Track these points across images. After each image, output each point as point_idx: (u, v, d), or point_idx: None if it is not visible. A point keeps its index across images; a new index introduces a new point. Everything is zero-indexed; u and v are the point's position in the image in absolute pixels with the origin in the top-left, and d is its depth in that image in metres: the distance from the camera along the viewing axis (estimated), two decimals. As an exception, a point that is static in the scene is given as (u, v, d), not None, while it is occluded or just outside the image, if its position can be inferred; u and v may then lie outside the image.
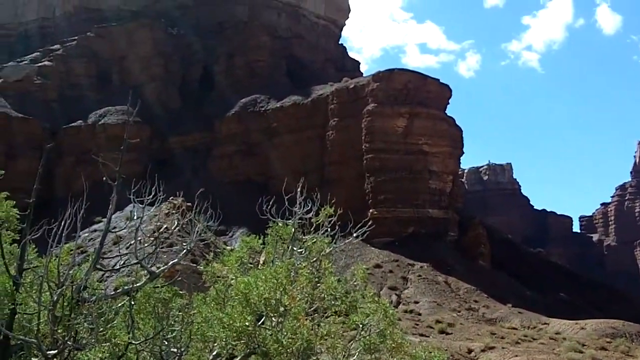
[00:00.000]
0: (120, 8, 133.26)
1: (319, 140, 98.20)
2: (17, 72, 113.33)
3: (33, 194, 14.45)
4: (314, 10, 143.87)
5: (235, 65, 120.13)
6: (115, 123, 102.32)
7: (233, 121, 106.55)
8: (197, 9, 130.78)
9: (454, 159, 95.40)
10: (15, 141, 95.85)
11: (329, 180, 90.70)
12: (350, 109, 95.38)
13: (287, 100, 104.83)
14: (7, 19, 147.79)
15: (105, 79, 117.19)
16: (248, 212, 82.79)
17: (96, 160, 56.87)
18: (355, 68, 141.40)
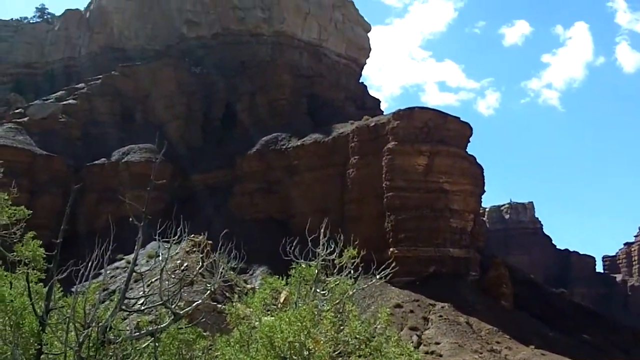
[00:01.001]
0: (144, 47, 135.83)
1: (340, 178, 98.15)
2: (42, 110, 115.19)
3: (60, 235, 14.66)
4: (335, 49, 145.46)
5: (257, 103, 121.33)
6: (139, 161, 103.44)
7: (254, 159, 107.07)
8: (220, 49, 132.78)
9: (475, 198, 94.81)
10: (39, 178, 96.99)
11: (350, 218, 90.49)
12: (370, 147, 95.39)
13: (308, 138, 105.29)
14: (34, 58, 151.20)
15: (129, 117, 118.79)
16: (269, 250, 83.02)
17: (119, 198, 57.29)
18: (375, 106, 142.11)
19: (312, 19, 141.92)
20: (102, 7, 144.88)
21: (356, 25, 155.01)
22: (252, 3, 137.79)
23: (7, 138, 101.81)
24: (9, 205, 20.18)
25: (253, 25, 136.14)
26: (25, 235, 19.13)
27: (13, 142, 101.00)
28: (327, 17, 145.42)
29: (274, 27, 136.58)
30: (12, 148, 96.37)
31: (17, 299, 16.29)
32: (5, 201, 20.10)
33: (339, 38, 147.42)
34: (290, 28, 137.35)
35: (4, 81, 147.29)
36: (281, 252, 12.43)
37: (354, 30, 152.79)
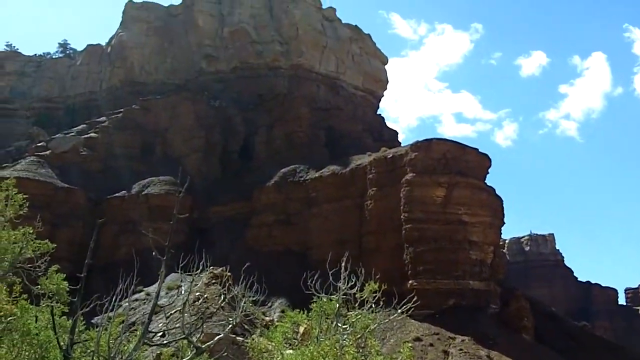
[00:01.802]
0: (164, 82, 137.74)
1: (358, 210, 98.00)
2: (64, 143, 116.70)
3: (84, 269, 14.92)
4: (353, 82, 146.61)
5: (274, 136, 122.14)
6: (158, 193, 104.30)
7: (272, 191, 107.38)
8: (238, 82, 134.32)
9: (494, 229, 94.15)
10: (60, 211, 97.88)
11: (368, 250, 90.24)
12: (388, 179, 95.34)
13: (325, 170, 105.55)
14: (56, 93, 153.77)
15: (148, 150, 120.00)
16: (287, 282, 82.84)
17: (139, 230, 57.95)
18: (393, 138, 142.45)
19: (330, 52, 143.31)
20: (122, 43, 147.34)
21: (373, 58, 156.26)
22: (270, 37, 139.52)
23: (29, 171, 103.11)
24: (33, 239, 20.56)
25: (271, 59, 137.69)
26: (50, 269, 19.48)
27: (35, 175, 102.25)
28: (344, 50, 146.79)
29: (291, 60, 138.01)
30: (34, 181, 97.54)
31: (42, 332, 16.52)
32: (30, 235, 20.47)
33: (356, 71, 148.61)
34: (307, 61, 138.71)
35: (27, 115, 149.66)
36: (302, 286, 12.53)
37: (371, 62, 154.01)
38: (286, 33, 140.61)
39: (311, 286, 12.06)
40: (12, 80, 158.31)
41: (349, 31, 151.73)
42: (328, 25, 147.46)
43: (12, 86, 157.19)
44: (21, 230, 20.09)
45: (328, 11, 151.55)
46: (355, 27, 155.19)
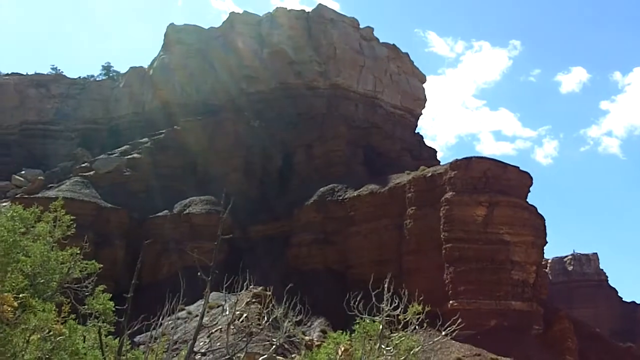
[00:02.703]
0: (205, 103, 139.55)
1: (397, 229, 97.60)
2: (108, 164, 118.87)
3: (131, 289, 15.26)
4: (391, 100, 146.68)
5: (313, 155, 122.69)
6: (199, 213, 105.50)
7: (311, 210, 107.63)
8: (277, 102, 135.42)
9: (537, 249, 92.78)
10: (104, 230, 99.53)
11: (407, 270, 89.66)
12: (428, 198, 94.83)
13: (364, 189, 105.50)
14: (99, 115, 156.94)
15: (189, 170, 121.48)
16: (326, 301, 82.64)
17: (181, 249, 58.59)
18: (431, 156, 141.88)
19: (368, 71, 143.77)
20: (164, 64, 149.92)
21: (411, 76, 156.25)
22: (309, 58, 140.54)
23: (74, 191, 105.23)
24: (80, 260, 21.07)
25: (310, 79, 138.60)
26: (96, 289, 19.92)
27: (79, 195, 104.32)
28: (382, 69, 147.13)
29: (330, 80, 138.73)
30: (79, 201, 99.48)
31: (90, 352, 16.90)
32: (77, 255, 20.99)
33: (394, 89, 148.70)
34: (346, 81, 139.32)
35: (72, 137, 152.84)
36: (345, 307, 12.61)
37: (409, 81, 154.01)
38: (324, 53, 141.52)
39: (354, 307, 12.13)
40: (57, 103, 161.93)
41: (386, 50, 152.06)
42: (366, 45, 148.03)
43: (57, 108, 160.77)
44: (69, 250, 20.60)
45: (365, 30, 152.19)
46: (393, 46, 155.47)
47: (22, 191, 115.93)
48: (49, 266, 19.78)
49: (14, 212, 18.93)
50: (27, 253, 19.61)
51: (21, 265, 18.68)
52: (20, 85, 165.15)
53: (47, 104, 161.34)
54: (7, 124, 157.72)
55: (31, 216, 21.13)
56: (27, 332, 15.90)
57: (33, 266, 19.44)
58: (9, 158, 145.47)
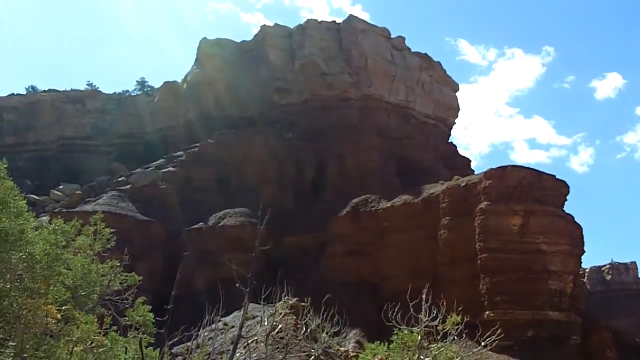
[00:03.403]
0: (238, 116, 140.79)
1: (431, 240, 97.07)
2: (143, 178, 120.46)
3: (171, 301, 15.52)
4: (423, 110, 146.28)
5: (346, 166, 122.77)
6: (234, 225, 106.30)
7: (345, 221, 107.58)
8: (309, 114, 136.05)
9: (574, 258, 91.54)
10: (140, 243, 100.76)
11: (442, 281, 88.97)
12: (462, 208, 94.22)
13: (397, 200, 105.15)
14: (135, 129, 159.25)
15: (224, 182, 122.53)
16: (360, 312, 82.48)
17: (216, 261, 59.14)
18: (466, 166, 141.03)
19: (400, 81, 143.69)
20: (198, 79, 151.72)
21: (444, 85, 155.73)
22: (340, 69, 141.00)
23: (111, 205, 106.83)
24: (120, 272, 21.48)
25: (341, 90, 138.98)
26: (136, 300, 20.27)
27: (116, 208, 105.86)
28: (414, 79, 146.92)
29: (361, 91, 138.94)
30: (116, 214, 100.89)
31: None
32: (117, 267, 21.40)
33: (426, 99, 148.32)
34: (377, 91, 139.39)
35: (108, 151, 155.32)
36: (382, 318, 12.68)
37: (441, 90, 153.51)
38: (355, 64, 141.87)
39: (391, 318, 12.19)
40: (93, 118, 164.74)
41: (418, 59, 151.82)
42: (397, 55, 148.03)
43: (93, 123, 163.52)
44: (109, 263, 21.03)
45: (397, 40, 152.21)
46: (425, 55, 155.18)
47: (60, 205, 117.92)
48: (90, 279, 20.19)
49: (55, 225, 19.38)
50: (69, 266, 20.03)
51: (63, 278, 19.08)
52: (57, 102, 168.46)
53: (84, 120, 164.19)
54: (45, 140, 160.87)
55: (71, 230, 21.57)
56: (71, 343, 16.25)
57: (74, 279, 19.85)
58: (47, 173, 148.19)
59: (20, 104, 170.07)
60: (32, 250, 15.95)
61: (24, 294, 15.78)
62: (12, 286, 15.66)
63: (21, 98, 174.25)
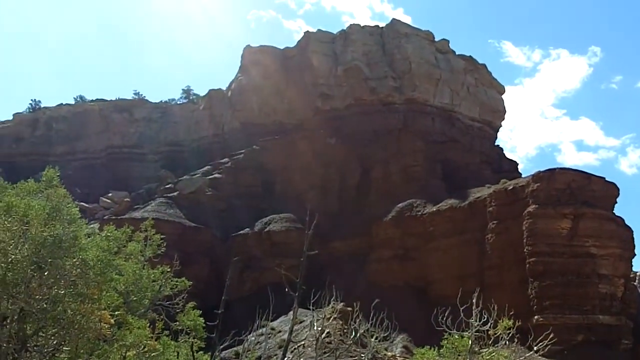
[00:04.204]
0: (282, 122, 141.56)
1: (478, 244, 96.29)
2: (190, 184, 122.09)
3: (221, 305, 15.72)
4: (469, 113, 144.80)
5: (390, 171, 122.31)
6: (279, 230, 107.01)
7: (390, 226, 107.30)
8: (353, 119, 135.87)
9: (624, 262, 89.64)
10: (188, 249, 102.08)
11: (490, 285, 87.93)
12: (509, 211, 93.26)
13: (443, 204, 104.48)
14: (181, 137, 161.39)
15: (269, 188, 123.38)
16: (407, 317, 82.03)
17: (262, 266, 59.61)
18: (513, 169, 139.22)
19: (444, 84, 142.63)
20: (242, 86, 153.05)
21: (489, 88, 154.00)
22: (384, 73, 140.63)
23: (159, 212, 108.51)
24: (170, 277, 21.85)
25: (384, 95, 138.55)
26: (187, 305, 20.61)
27: (164, 215, 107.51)
28: (459, 81, 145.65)
29: (405, 94, 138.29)
30: (164, 221, 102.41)
31: (183, 367, 17.47)
32: (168, 273, 21.77)
33: (471, 102, 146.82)
34: (422, 95, 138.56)
35: (155, 159, 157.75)
36: (432, 322, 12.63)
37: (487, 93, 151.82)
38: (399, 68, 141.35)
39: (442, 322, 12.13)
40: (140, 127, 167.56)
41: (463, 62, 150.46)
42: (441, 58, 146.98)
43: (141, 132, 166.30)
44: (160, 269, 21.40)
45: (441, 43, 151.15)
46: (470, 57, 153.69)
47: (109, 213, 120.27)
48: (141, 284, 20.57)
49: (107, 232, 19.80)
50: (120, 272, 20.42)
51: (115, 284, 19.47)
52: (104, 111, 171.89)
53: (131, 128, 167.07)
54: (94, 149, 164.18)
55: (123, 236, 22.01)
56: (124, 348, 16.57)
57: (126, 284, 20.24)
58: (96, 181, 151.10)
59: (70, 114, 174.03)
60: (85, 256, 16.30)
61: (78, 300, 16.11)
62: (66, 292, 16.01)
63: (70, 108, 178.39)
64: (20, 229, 15.16)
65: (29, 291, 15.13)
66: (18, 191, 16.48)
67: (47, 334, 16.11)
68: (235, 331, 13.44)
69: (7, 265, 14.51)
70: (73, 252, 15.86)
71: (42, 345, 16.05)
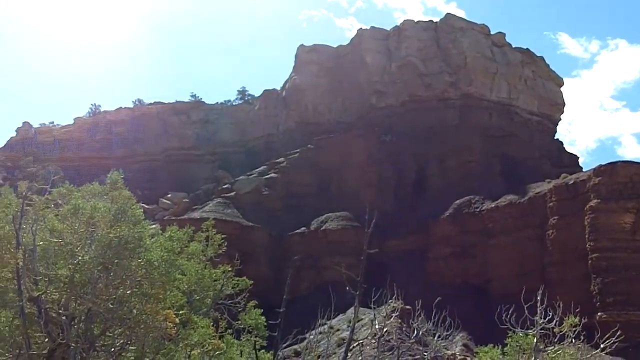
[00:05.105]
0: (336, 121, 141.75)
1: (538, 240, 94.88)
2: (247, 184, 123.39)
3: (283, 304, 15.89)
4: (527, 107, 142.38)
5: (447, 167, 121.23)
6: (335, 229, 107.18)
7: (447, 223, 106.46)
8: (408, 116, 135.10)
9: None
10: (246, 248, 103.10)
11: (551, 282, 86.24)
12: (570, 206, 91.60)
13: (502, 200, 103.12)
14: (237, 137, 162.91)
15: (324, 187, 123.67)
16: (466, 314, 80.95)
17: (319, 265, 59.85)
18: (573, 163, 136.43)
19: (501, 78, 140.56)
20: (296, 86, 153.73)
21: (547, 80, 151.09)
22: (439, 68, 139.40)
23: (217, 212, 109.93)
24: (232, 277, 22.17)
25: (440, 90, 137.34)
26: (248, 304, 20.89)
27: (222, 215, 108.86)
28: (516, 75, 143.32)
29: (461, 89, 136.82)
30: (222, 221, 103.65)
31: (247, 365, 17.74)
32: (229, 272, 22.09)
33: (530, 95, 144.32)
34: (478, 89, 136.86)
35: (212, 160, 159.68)
36: (496, 320, 12.50)
37: (545, 86, 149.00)
38: (454, 63, 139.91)
39: (505, 320, 12.00)
40: (197, 128, 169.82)
41: (520, 55, 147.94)
42: (497, 51, 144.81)
43: (198, 133, 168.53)
44: (221, 268, 21.73)
45: (497, 36, 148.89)
46: (527, 50, 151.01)
47: (168, 213, 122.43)
48: (203, 284, 20.90)
49: (171, 232, 20.18)
50: (183, 272, 20.79)
51: (178, 284, 19.83)
52: (162, 114, 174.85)
53: (188, 130, 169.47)
54: (152, 151, 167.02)
55: (184, 236, 22.38)
56: (189, 347, 16.88)
57: (189, 284, 20.59)
58: (155, 183, 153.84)
59: (128, 118, 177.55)
60: (150, 257, 16.63)
61: (143, 300, 16.47)
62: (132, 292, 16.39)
63: (129, 111, 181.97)
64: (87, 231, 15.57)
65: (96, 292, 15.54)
66: (83, 194, 16.94)
67: (114, 333, 16.51)
68: (298, 329, 13.54)
69: (75, 267, 14.94)
70: (138, 253, 16.22)
71: (109, 344, 16.45)
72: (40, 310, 13.90)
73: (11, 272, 14.16)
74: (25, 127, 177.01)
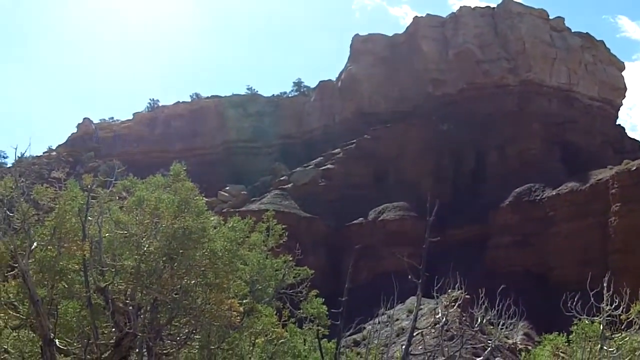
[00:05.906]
0: (393, 110, 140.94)
1: (600, 228, 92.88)
2: (304, 176, 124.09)
3: (345, 293, 16.03)
4: (587, 92, 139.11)
5: (506, 155, 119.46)
6: (393, 219, 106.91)
7: (507, 212, 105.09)
8: (466, 103, 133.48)
9: None
10: (303, 239, 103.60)
11: (614, 270, 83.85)
12: (634, 193, 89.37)
13: (563, 188, 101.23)
14: (293, 129, 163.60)
15: (381, 177, 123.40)
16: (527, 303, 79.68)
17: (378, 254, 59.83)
18: (636, 149, 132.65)
19: (560, 63, 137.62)
20: (352, 76, 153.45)
21: (608, 65, 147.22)
22: (497, 55, 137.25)
23: (275, 203, 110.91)
24: (293, 266, 22.42)
25: (498, 77, 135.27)
26: (310, 294, 21.12)
27: (280, 206, 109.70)
28: (576, 60, 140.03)
29: (520, 76, 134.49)
30: (280, 212, 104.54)
31: (310, 354, 17.98)
32: (290, 262, 22.35)
33: (590, 80, 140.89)
34: (537, 75, 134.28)
35: (269, 152, 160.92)
36: (562, 307, 12.37)
37: (606, 70, 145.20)
38: (513, 49, 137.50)
39: (571, 308, 11.87)
40: (254, 121, 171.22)
41: (579, 40, 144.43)
42: (557, 36, 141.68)
43: (254, 126, 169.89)
44: (282, 258, 22.00)
45: (556, 21, 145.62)
46: (587, 34, 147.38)
47: (227, 206, 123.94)
48: (265, 273, 21.19)
49: (233, 223, 20.49)
50: (245, 262, 21.11)
51: (241, 273, 20.16)
52: (220, 107, 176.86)
53: (245, 123, 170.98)
54: (211, 144, 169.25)
55: (246, 227, 22.69)
56: (253, 335, 17.19)
57: (251, 274, 20.91)
58: (213, 176, 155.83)
59: (186, 112, 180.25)
60: (213, 247, 16.95)
61: (208, 289, 16.81)
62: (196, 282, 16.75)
63: (186, 105, 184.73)
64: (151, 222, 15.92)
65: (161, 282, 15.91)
66: (147, 186, 17.34)
67: (180, 322, 16.89)
68: (360, 318, 13.67)
69: (141, 257, 15.32)
70: (202, 243, 16.52)
71: (175, 333, 16.84)
72: (107, 300, 14.33)
73: (78, 264, 14.61)
74: (86, 123, 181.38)
